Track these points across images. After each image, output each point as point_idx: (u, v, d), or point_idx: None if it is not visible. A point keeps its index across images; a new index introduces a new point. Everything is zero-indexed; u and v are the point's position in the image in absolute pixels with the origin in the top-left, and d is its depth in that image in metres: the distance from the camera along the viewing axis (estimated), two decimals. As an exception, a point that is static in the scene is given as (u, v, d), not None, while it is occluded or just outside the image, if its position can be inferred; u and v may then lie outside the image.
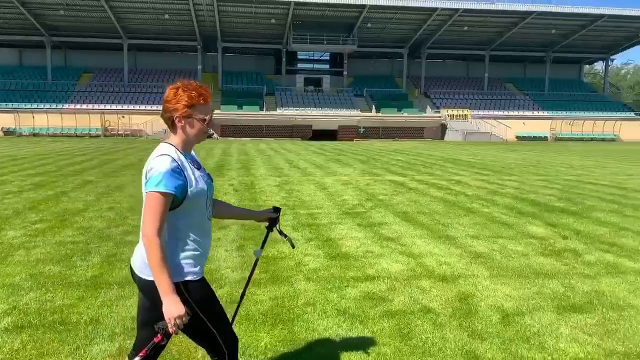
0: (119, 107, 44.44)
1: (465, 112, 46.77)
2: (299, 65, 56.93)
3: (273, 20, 45.84)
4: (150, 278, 2.03)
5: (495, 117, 46.45)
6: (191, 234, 2.11)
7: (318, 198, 9.76)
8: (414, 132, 45.79)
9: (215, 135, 44.12)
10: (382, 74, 55.61)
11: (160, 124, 40.62)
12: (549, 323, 3.71)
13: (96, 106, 44.28)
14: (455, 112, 46.72)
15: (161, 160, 2.03)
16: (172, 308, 1.95)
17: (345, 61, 51.90)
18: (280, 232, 2.61)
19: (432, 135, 45.96)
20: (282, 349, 3.28)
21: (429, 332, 3.54)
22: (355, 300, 4.17)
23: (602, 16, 45.97)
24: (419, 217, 7.86)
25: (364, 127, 44.54)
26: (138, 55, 52.68)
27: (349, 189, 11.02)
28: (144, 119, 41.80)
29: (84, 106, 44.16)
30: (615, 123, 47.37)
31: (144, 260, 2.06)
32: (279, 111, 46.08)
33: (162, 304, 1.97)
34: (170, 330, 1.97)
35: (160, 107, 2.20)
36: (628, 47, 54.70)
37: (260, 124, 44.43)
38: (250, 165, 16.93)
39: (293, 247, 2.81)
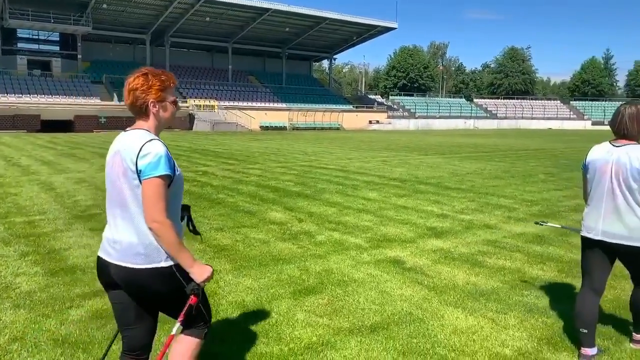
0: None
1: (212, 102, 47.24)
2: (20, 45, 48.13)
3: (-22, -11, 37.69)
4: (143, 265, 2.08)
5: (240, 108, 48.19)
6: (173, 219, 2.10)
7: (42, 201, 8.34)
8: (161, 122, 44.06)
9: None
10: (124, 60, 51.43)
11: None
12: (286, 310, 3.84)
13: None
14: (202, 102, 46.71)
15: (155, 144, 2.05)
16: (203, 273, 2.12)
17: (79, 43, 46.23)
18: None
19: (180, 126, 44.88)
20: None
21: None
22: (80, 322, 3.57)
23: (325, 19, 52.17)
24: (162, 214, 7.41)
25: (105, 117, 40.63)
26: None
27: (83, 188, 9.77)
28: None
29: None
30: (339, 114, 54.55)
31: (135, 250, 2.08)
32: (-7, 98, 38.33)
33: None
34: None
35: None
36: (346, 49, 63.72)
37: (-33, 114, 36.21)
38: (-52, 165, 13.54)
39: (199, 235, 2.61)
